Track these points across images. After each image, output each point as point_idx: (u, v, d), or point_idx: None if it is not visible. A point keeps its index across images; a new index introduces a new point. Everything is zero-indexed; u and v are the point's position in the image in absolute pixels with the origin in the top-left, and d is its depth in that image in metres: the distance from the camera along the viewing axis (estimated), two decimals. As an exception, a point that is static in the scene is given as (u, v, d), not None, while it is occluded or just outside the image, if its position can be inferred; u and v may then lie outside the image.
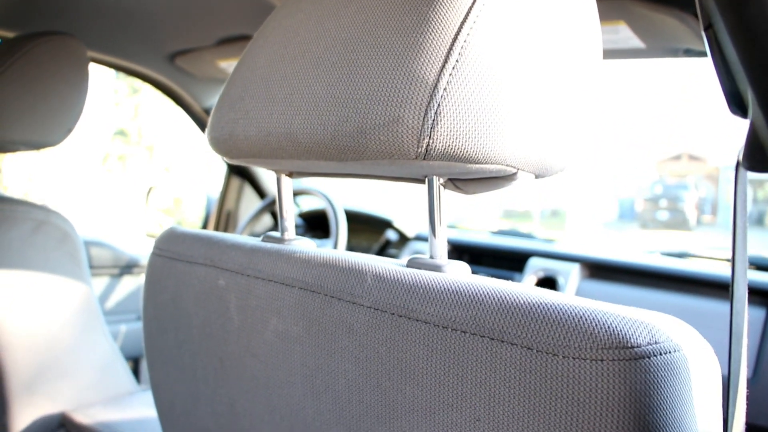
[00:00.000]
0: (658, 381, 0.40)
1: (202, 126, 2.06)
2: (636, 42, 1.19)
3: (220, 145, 0.60)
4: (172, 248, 0.69)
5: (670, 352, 0.41)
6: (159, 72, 1.83)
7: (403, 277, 0.50)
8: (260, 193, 2.30)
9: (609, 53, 1.28)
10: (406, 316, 0.47)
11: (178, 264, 0.67)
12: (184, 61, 1.73)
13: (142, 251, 2.15)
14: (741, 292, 0.47)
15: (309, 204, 2.30)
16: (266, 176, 2.25)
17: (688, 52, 1.19)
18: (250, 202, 2.31)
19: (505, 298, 0.45)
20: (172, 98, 1.95)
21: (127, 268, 2.09)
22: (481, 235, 2.03)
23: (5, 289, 1.12)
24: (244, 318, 0.59)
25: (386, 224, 2.12)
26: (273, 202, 2.08)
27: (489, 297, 0.45)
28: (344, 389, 0.52)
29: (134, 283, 2.11)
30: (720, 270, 1.52)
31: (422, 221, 2.11)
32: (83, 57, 1.24)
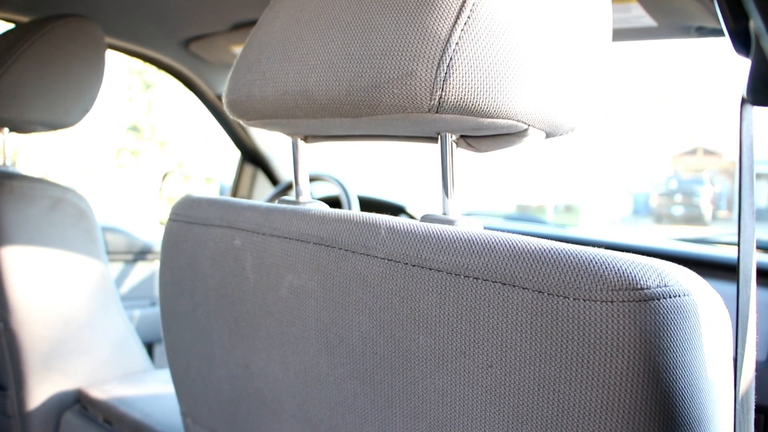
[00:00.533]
0: (667, 323, 0.40)
1: (215, 112, 2.07)
2: (648, 21, 1.19)
3: (237, 107, 0.61)
4: (189, 213, 0.70)
5: (679, 296, 0.41)
6: (173, 58, 1.84)
7: (416, 228, 0.51)
8: (273, 180, 2.31)
9: (621, 33, 1.28)
10: (419, 266, 0.48)
11: (194, 227, 0.68)
12: (198, 46, 1.74)
13: (156, 238, 2.17)
14: (748, 253, 0.47)
15: (323, 191, 2.31)
16: (279, 163, 2.26)
17: (701, 31, 1.19)
18: (264, 190, 2.32)
19: (517, 245, 0.46)
20: (185, 84, 1.97)
21: (141, 254, 2.11)
22: (494, 220, 2.03)
23: (23, 266, 1.14)
24: (260, 276, 0.60)
25: (399, 210, 2.12)
26: (286, 189, 2.09)
27: (501, 245, 0.46)
28: (358, 342, 0.53)
29: (148, 269, 2.13)
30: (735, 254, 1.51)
31: (434, 207, 2.11)
32: (100, 39, 1.25)
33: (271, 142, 2.17)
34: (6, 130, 1.29)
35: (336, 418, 0.56)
